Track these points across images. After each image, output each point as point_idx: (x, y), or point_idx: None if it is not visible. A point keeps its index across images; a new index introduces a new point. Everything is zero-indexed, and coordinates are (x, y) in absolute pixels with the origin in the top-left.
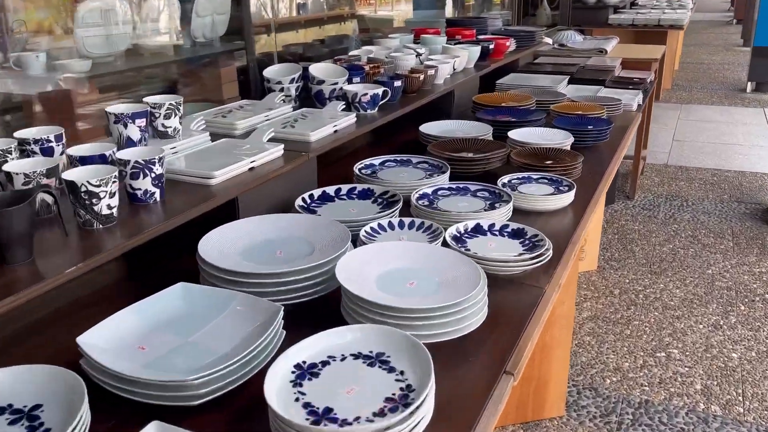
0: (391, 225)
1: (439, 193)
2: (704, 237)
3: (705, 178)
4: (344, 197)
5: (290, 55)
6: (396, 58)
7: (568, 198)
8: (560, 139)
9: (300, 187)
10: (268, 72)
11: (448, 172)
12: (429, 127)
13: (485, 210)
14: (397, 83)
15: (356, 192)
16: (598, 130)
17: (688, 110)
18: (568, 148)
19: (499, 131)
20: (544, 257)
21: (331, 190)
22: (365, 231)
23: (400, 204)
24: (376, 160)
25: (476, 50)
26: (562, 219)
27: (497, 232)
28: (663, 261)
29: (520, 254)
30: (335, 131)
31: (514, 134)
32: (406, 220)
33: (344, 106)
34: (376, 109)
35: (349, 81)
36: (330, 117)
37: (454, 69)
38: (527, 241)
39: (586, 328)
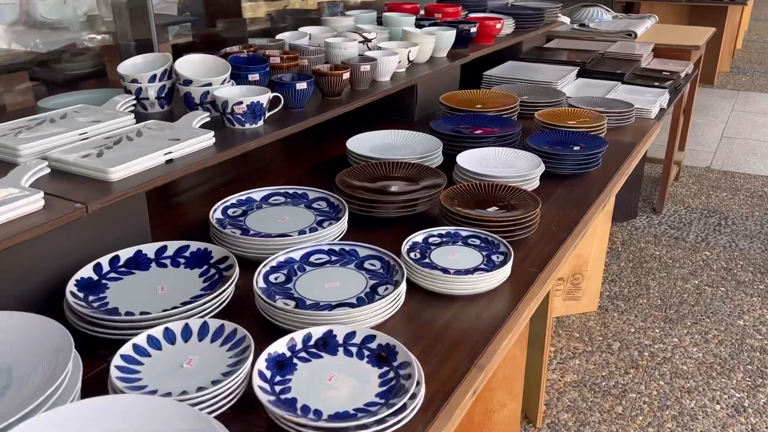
0: (187, 331)
1: (312, 258)
2: (741, 271)
3: (754, 189)
4: (165, 262)
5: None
6: (331, 46)
7: (494, 278)
8: (527, 167)
9: (111, 243)
10: (124, 67)
11: (343, 222)
12: (359, 142)
13: (364, 295)
14: (301, 85)
15: (186, 255)
16: (585, 156)
17: (745, 99)
18: (536, 180)
19: (454, 148)
20: (396, 420)
21: (150, 250)
22: (133, 345)
23: (231, 285)
24: (258, 194)
25: (448, 35)
26: (486, 306)
27: (352, 350)
28: (683, 303)
29: (363, 412)
30: (169, 161)
31: (463, 158)
32: (213, 324)
33: (207, 118)
34: (261, 122)
35: (244, 79)
36: (175, 137)
37: (410, 61)
38: (390, 375)
39: (566, 399)
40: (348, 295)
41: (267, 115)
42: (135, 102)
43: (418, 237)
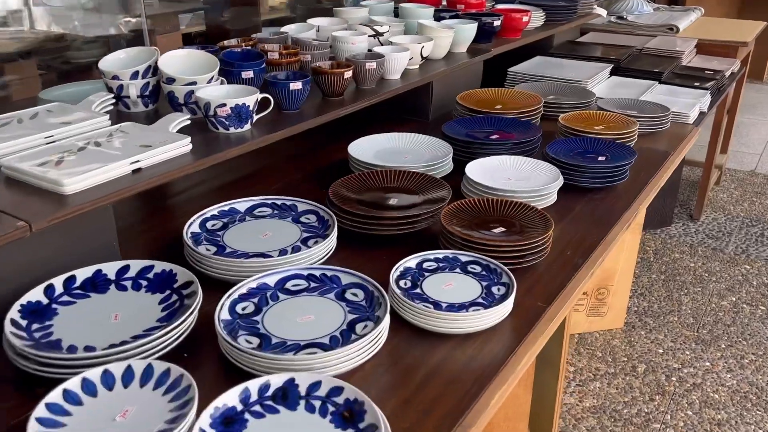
0: (129, 375)
1: (289, 285)
2: None
3: None
4: (126, 284)
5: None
6: (337, 40)
7: (491, 316)
8: (543, 180)
9: (74, 261)
10: (106, 62)
11: (330, 240)
12: (361, 147)
13: (339, 334)
14: (296, 85)
15: (149, 276)
16: (609, 169)
17: None
18: (553, 195)
19: (467, 155)
20: None
21: (112, 269)
22: (63, 392)
23: (191, 316)
24: (243, 204)
25: (468, 29)
26: (481, 348)
27: (314, 404)
28: (718, 323)
29: None
30: (136, 170)
31: (473, 168)
32: (158, 368)
33: (187, 121)
34: (248, 125)
35: (237, 77)
36: (148, 142)
37: (424, 57)
38: None
39: (583, 426)
40: (321, 333)
41: (255, 118)
42: (114, 101)
43: (412, 262)
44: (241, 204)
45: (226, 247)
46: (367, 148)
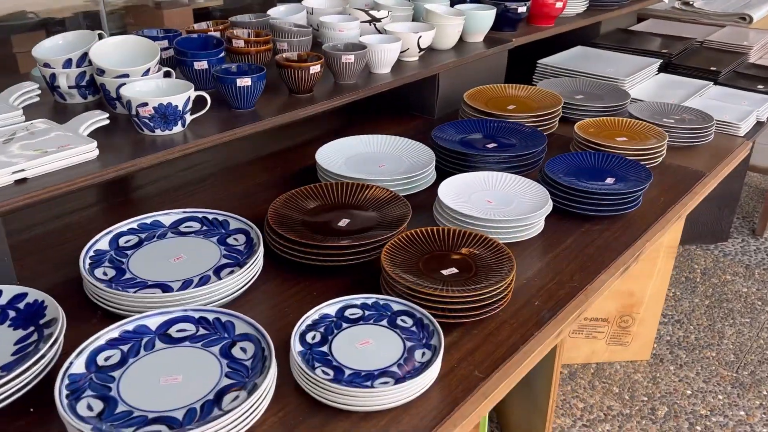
0: None
1: (173, 330)
2: None
3: None
4: None
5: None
6: (324, 26)
7: (403, 392)
8: (528, 206)
9: None
10: (41, 48)
11: (249, 270)
12: (332, 152)
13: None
14: (244, 81)
15: (20, 306)
16: (615, 197)
17: None
18: (538, 225)
19: (455, 166)
20: None
21: None
22: None
23: (43, 362)
24: (169, 217)
25: (482, 16)
26: (389, 426)
27: None
28: (763, 363)
29: None
30: (20, 180)
31: (448, 187)
32: None
33: (105, 121)
34: (179, 127)
35: (190, 68)
36: (47, 146)
37: (422, 48)
38: None
39: None
40: (178, 403)
41: (190, 118)
42: (39, 92)
43: (332, 307)
44: (167, 216)
45: (126, 271)
46: (338, 154)
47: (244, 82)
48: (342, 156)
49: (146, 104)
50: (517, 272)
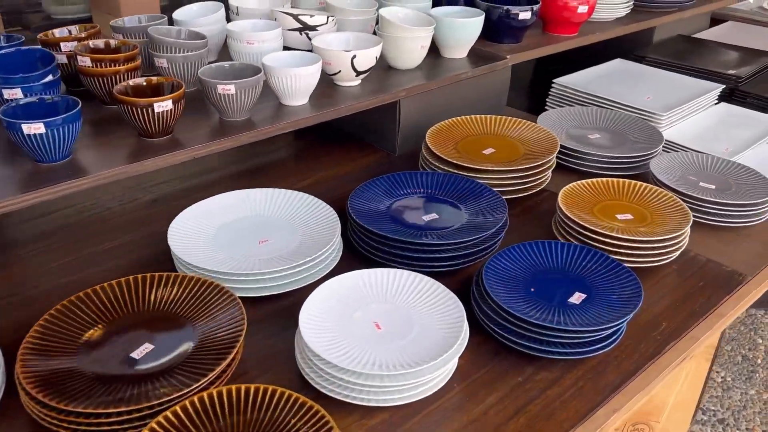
0: None
1: None
2: None
3: None
4: None
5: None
6: (231, 37)
7: None
8: (436, 339)
9: None
10: None
11: None
12: (190, 226)
13: None
14: (33, 128)
15: None
16: (575, 335)
17: None
18: (440, 375)
19: (367, 250)
20: None
21: None
22: None
23: None
24: None
25: (464, 26)
26: None
27: None
28: None
29: None
30: None
31: (311, 308)
32: None
33: None
34: None
35: None
36: None
37: (358, 71)
38: None
39: None
40: None
41: None
42: None
43: None
44: None
45: None
46: (208, 221)
47: (34, 129)
48: (219, 218)
49: None
50: None
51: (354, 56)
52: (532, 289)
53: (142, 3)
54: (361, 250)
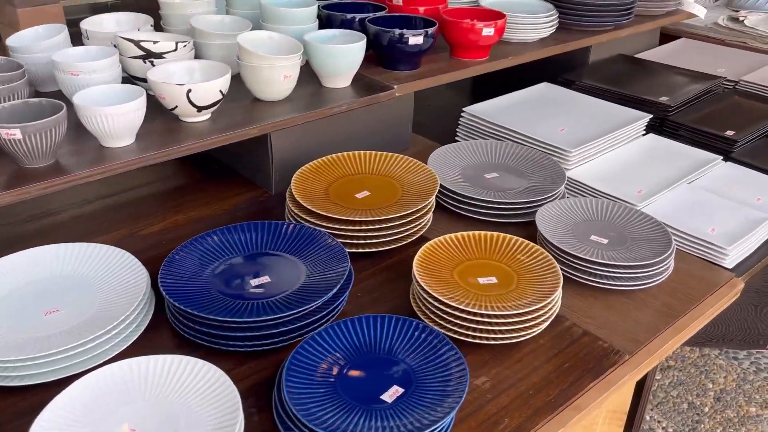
0: None
1: None
2: None
3: None
4: None
5: None
6: (56, 67)
7: None
8: None
9: None
10: None
11: None
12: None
13: None
14: None
15: None
16: None
17: None
18: None
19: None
20: None
21: None
22: None
23: None
24: None
25: (339, 53)
26: None
27: None
28: None
29: None
30: None
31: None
32: None
33: None
34: None
35: None
36: None
37: (197, 106)
38: None
39: None
40: None
41: None
42: None
43: None
44: None
45: None
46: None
47: None
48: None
49: None
50: None
51: (189, 90)
52: (338, 387)
53: (43, 16)
54: (173, 326)
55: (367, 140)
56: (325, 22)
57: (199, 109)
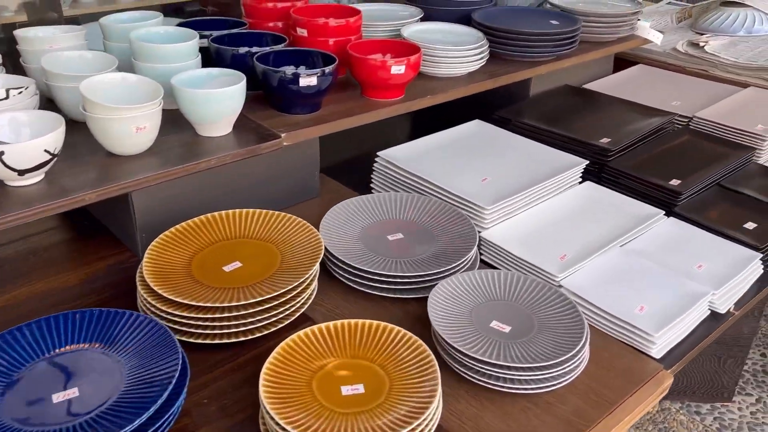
0: None
1: None
2: None
3: None
4: None
5: None
6: None
7: None
8: None
9: None
10: None
11: None
12: None
13: None
14: None
15: None
16: None
17: None
18: None
19: None
20: None
21: None
22: None
23: None
24: None
25: (206, 97)
26: None
27: None
28: None
29: None
30: None
31: None
32: None
33: None
34: None
35: None
36: None
37: (17, 170)
38: None
39: None
40: None
41: None
42: None
43: None
44: None
45: None
46: None
47: None
48: None
49: None
50: None
51: (2, 153)
52: None
53: None
54: None
55: (263, 190)
56: (214, 58)
57: (20, 172)
